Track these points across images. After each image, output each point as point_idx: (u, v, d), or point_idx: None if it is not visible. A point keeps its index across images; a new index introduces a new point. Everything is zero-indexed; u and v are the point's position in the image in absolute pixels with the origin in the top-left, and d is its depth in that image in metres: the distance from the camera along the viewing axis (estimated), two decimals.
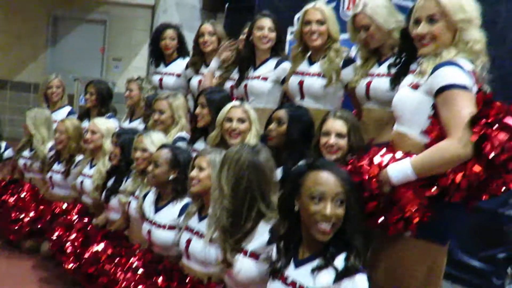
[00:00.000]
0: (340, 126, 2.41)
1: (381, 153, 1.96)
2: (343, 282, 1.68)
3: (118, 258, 2.72)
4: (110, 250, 2.81)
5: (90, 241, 2.96)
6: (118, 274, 2.61)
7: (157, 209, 2.81)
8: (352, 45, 3.15)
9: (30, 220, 3.66)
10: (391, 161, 1.91)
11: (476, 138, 1.75)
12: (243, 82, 3.40)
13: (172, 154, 2.78)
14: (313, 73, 3.06)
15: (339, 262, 1.72)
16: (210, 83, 3.61)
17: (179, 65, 4.12)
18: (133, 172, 3.19)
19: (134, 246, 2.84)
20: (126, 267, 2.63)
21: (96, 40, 8.06)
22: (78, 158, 3.87)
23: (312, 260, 1.78)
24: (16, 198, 3.81)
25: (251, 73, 3.39)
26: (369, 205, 1.90)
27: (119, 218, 3.28)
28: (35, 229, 3.64)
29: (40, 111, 4.33)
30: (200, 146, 3.19)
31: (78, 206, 3.51)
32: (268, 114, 2.89)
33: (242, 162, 2.11)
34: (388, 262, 1.98)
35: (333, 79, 2.98)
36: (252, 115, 2.93)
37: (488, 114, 1.76)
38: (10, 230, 3.72)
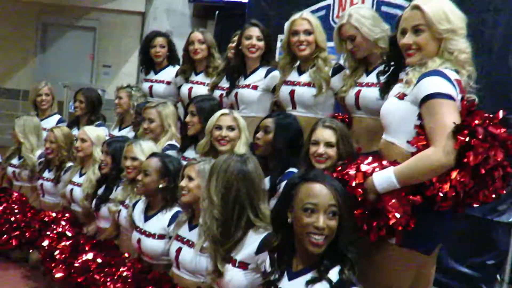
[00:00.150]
0: (329, 136, 2.40)
1: (367, 161, 1.98)
2: None
3: (107, 267, 2.71)
4: (99, 259, 2.79)
5: (79, 250, 2.94)
6: (108, 283, 2.59)
7: (146, 218, 2.80)
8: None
9: (20, 233, 3.61)
10: (377, 169, 1.93)
11: (458, 146, 1.77)
12: (234, 91, 3.41)
13: (161, 163, 2.77)
14: (303, 82, 3.07)
15: (333, 275, 1.71)
16: None
17: (169, 72, 4.13)
18: (123, 180, 3.17)
19: (124, 256, 2.82)
20: (115, 277, 2.61)
21: (85, 46, 8.01)
22: (68, 164, 3.85)
23: (306, 272, 1.77)
24: (4, 207, 3.76)
25: (242, 81, 3.40)
26: (355, 212, 1.91)
27: (109, 227, 3.26)
28: (24, 239, 3.60)
29: (29, 119, 4.31)
30: (190, 154, 3.19)
31: (67, 215, 3.49)
32: (258, 122, 2.89)
33: (231, 171, 2.12)
34: (373, 270, 1.98)
35: (323, 88, 2.99)
36: (241, 123, 2.93)
37: (471, 123, 1.78)
38: None
